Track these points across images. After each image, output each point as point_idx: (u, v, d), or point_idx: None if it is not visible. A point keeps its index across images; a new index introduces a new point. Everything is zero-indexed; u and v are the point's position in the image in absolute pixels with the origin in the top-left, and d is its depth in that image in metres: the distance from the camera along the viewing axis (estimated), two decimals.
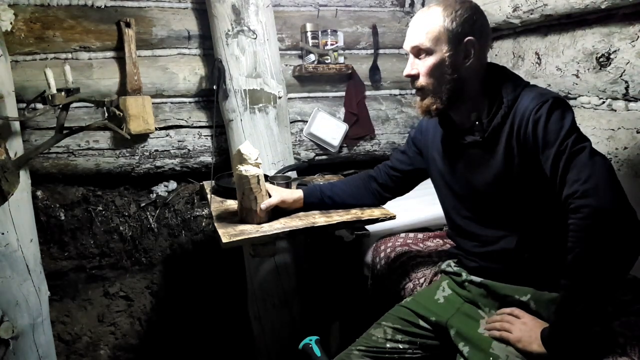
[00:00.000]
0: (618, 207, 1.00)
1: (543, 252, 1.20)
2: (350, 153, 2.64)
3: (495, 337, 1.18)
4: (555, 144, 1.07)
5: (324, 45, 2.45)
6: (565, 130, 1.07)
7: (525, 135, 1.12)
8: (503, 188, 1.20)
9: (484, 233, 1.28)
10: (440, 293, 1.40)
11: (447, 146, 1.34)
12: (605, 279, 1.02)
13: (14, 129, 1.87)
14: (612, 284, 1.03)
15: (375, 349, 1.32)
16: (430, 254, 1.84)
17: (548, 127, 1.08)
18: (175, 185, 2.43)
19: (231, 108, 2.16)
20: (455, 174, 1.32)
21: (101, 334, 2.33)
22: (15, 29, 2.04)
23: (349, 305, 2.40)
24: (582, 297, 1.03)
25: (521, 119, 1.13)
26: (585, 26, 1.72)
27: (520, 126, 1.13)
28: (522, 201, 1.19)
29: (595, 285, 1.02)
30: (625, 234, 0.99)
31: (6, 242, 1.82)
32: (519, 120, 1.13)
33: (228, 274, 2.37)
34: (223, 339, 2.43)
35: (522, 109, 1.14)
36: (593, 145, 1.09)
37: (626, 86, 1.59)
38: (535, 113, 1.10)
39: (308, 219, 1.54)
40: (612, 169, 1.05)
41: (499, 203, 1.23)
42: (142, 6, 2.25)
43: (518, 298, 1.22)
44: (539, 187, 1.14)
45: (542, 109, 1.09)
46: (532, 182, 1.15)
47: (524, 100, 1.15)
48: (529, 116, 1.11)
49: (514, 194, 1.19)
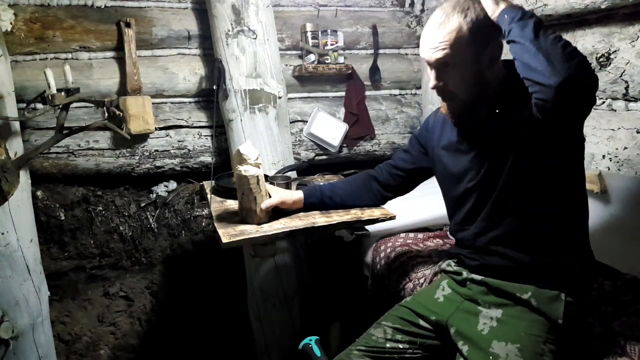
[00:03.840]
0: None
1: (545, 239, 1.21)
2: (350, 153, 2.64)
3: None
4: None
5: (324, 45, 2.45)
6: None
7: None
8: (514, 162, 1.18)
9: (489, 219, 1.27)
10: (440, 292, 1.40)
11: (459, 135, 1.33)
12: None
13: (14, 129, 1.87)
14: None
15: (375, 349, 1.32)
16: (430, 254, 1.85)
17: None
18: (175, 185, 2.43)
19: (231, 108, 2.16)
20: (464, 165, 1.32)
21: (101, 334, 2.33)
22: (15, 29, 2.04)
23: (349, 305, 2.40)
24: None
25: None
26: (585, 26, 1.72)
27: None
28: (528, 178, 1.18)
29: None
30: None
31: (6, 242, 1.82)
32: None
33: (228, 274, 2.37)
34: (223, 339, 2.43)
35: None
36: (593, 145, 1.09)
37: (626, 86, 1.59)
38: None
39: (308, 219, 1.54)
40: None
41: (508, 184, 1.21)
42: (142, 6, 2.25)
43: (519, 296, 1.21)
44: (546, 157, 1.15)
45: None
46: (539, 150, 1.15)
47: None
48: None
49: (523, 167, 1.18)
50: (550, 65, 0.98)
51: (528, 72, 1.02)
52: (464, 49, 1.15)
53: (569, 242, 1.23)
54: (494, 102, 1.22)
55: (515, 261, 1.23)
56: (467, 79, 1.19)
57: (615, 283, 1.55)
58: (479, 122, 1.25)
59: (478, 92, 1.21)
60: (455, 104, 1.25)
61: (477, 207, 1.30)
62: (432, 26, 1.19)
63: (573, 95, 0.98)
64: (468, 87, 1.20)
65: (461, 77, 1.19)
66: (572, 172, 1.21)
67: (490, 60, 1.19)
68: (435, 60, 1.19)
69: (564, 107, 1.00)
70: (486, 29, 1.14)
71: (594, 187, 1.68)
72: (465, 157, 1.31)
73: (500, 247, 1.26)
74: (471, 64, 1.17)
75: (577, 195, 1.24)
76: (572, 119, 1.07)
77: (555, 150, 1.15)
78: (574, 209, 1.24)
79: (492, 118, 1.22)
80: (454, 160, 1.35)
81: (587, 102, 1.03)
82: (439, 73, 1.22)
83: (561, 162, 1.18)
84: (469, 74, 1.18)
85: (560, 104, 0.99)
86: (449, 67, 1.19)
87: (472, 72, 1.18)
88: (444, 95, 1.26)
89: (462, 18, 1.14)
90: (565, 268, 1.21)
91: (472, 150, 1.29)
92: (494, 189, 1.24)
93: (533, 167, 1.17)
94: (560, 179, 1.19)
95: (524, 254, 1.22)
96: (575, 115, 1.05)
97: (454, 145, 1.35)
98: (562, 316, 1.17)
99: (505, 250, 1.25)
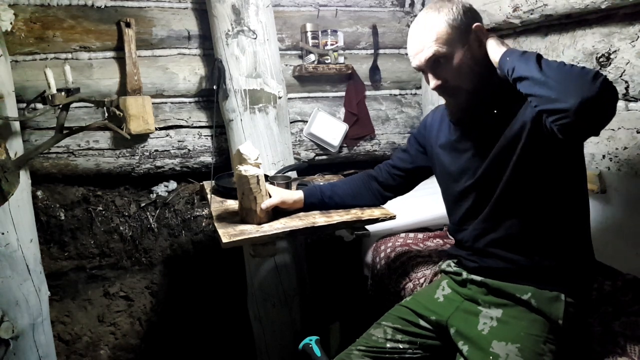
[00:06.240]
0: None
1: (545, 242, 1.20)
2: (350, 153, 2.65)
3: None
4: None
5: (324, 45, 2.45)
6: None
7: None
8: (515, 163, 1.18)
9: (488, 221, 1.27)
10: (440, 292, 1.40)
11: (457, 134, 1.33)
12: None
13: (14, 129, 1.87)
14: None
15: (375, 349, 1.32)
16: (430, 254, 1.85)
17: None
18: (175, 185, 2.43)
19: (231, 108, 2.16)
20: (462, 164, 1.32)
21: (101, 334, 2.33)
22: (15, 29, 2.04)
23: (349, 305, 2.40)
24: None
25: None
26: (585, 26, 1.72)
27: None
28: (529, 179, 1.18)
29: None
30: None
31: (6, 242, 1.82)
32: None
33: (228, 274, 2.37)
34: (223, 339, 2.43)
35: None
36: (593, 145, 1.09)
37: (626, 86, 1.59)
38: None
39: (308, 219, 1.54)
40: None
41: (507, 185, 1.21)
42: (142, 6, 2.25)
43: (519, 296, 1.21)
44: (546, 160, 1.15)
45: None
46: (540, 151, 1.15)
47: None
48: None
49: (524, 168, 1.18)
50: (563, 89, 0.96)
51: (543, 103, 0.99)
52: (449, 40, 1.17)
53: (570, 245, 1.22)
54: (494, 101, 1.22)
55: (515, 263, 1.23)
56: (464, 68, 1.19)
57: (615, 283, 1.55)
58: (478, 121, 1.25)
59: (480, 79, 1.20)
60: (461, 98, 1.24)
61: (475, 207, 1.30)
62: (412, 35, 1.24)
63: (595, 112, 0.95)
64: (468, 75, 1.20)
65: (458, 68, 1.19)
66: (573, 172, 1.21)
67: (479, 45, 1.19)
68: (425, 60, 1.21)
69: (588, 125, 0.98)
70: (464, 17, 1.18)
71: (594, 187, 1.69)
72: (463, 156, 1.31)
73: (499, 250, 1.25)
74: (461, 51, 1.18)
75: (579, 196, 1.24)
76: (595, 133, 1.04)
77: (558, 153, 1.15)
78: (576, 210, 1.24)
79: (492, 118, 1.22)
80: (451, 158, 1.35)
81: (610, 114, 0.99)
82: (435, 72, 1.22)
83: (563, 163, 1.18)
84: (464, 63, 1.19)
85: (583, 124, 0.97)
86: (442, 63, 1.20)
87: (466, 59, 1.19)
88: (448, 92, 1.25)
89: (437, 14, 1.19)
90: (565, 269, 1.20)
91: (470, 149, 1.29)
92: (493, 190, 1.24)
93: (534, 168, 1.17)
94: (562, 180, 1.19)
95: (524, 256, 1.22)
96: (599, 129, 1.02)
97: (452, 143, 1.35)
98: (562, 316, 1.16)
99: (504, 253, 1.24)
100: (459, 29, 1.18)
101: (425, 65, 1.22)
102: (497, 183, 1.22)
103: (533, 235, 1.21)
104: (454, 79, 1.21)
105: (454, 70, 1.19)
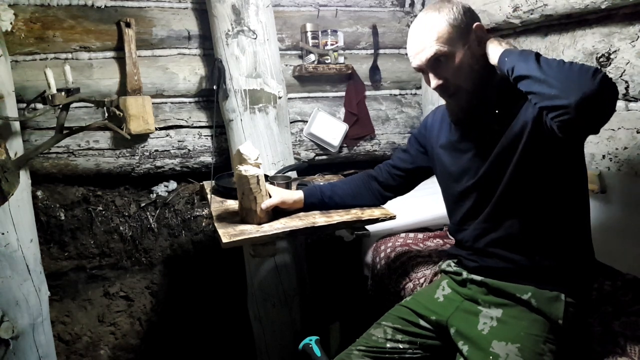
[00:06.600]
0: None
1: (546, 242, 1.21)
2: (350, 153, 2.65)
3: None
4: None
5: (324, 45, 2.45)
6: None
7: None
8: (516, 163, 1.18)
9: (488, 221, 1.27)
10: (440, 292, 1.40)
11: (458, 134, 1.33)
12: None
13: (14, 129, 1.87)
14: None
15: (375, 349, 1.32)
16: (430, 254, 1.85)
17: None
18: (175, 185, 2.43)
19: (231, 108, 2.16)
20: (463, 164, 1.32)
21: (101, 334, 2.33)
22: (15, 29, 2.04)
23: (349, 305, 2.40)
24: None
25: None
26: (585, 26, 1.72)
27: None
28: (530, 179, 1.18)
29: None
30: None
31: (6, 242, 1.82)
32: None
33: (228, 274, 2.37)
34: (223, 339, 2.43)
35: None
36: (593, 145, 1.09)
37: (626, 86, 1.59)
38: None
39: (308, 219, 1.54)
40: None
41: (508, 185, 1.21)
42: (142, 6, 2.25)
43: (519, 296, 1.21)
44: (548, 161, 1.15)
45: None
46: (541, 151, 1.15)
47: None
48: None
49: (525, 168, 1.18)
50: (564, 86, 0.96)
51: (544, 100, 1.00)
52: (450, 39, 1.18)
53: (571, 244, 1.22)
54: (495, 101, 1.22)
55: (515, 263, 1.23)
56: (465, 67, 1.19)
57: (615, 283, 1.55)
58: (479, 121, 1.25)
59: (480, 79, 1.20)
60: (462, 98, 1.24)
61: (476, 207, 1.30)
62: (413, 35, 1.24)
63: (595, 108, 0.96)
64: (469, 74, 1.20)
65: (459, 67, 1.19)
66: (573, 173, 1.21)
67: (479, 43, 1.19)
68: (427, 60, 1.20)
69: (588, 122, 0.98)
70: (464, 16, 1.18)
71: (594, 187, 1.69)
72: (464, 156, 1.31)
73: (500, 250, 1.25)
74: (462, 50, 1.18)
75: (579, 196, 1.24)
76: (595, 131, 1.04)
77: (559, 153, 1.15)
78: (576, 210, 1.24)
79: (493, 118, 1.22)
80: (452, 159, 1.35)
81: (610, 111, 0.99)
82: (436, 71, 1.22)
83: (563, 163, 1.18)
84: (464, 62, 1.19)
85: (583, 120, 0.97)
86: (442, 62, 1.20)
87: (467, 58, 1.19)
88: (449, 91, 1.25)
89: (438, 14, 1.19)
90: (565, 269, 1.21)
91: (471, 150, 1.29)
92: (494, 190, 1.24)
93: (535, 168, 1.17)
94: (562, 180, 1.19)
95: (524, 256, 1.22)
96: (599, 126, 1.02)
97: (453, 144, 1.35)
98: (562, 316, 1.16)
99: (505, 253, 1.24)
100: (460, 29, 1.18)
101: (426, 64, 1.22)
102: (498, 183, 1.22)
103: (533, 235, 1.21)
104: (454, 79, 1.21)
105: (455, 69, 1.19)
